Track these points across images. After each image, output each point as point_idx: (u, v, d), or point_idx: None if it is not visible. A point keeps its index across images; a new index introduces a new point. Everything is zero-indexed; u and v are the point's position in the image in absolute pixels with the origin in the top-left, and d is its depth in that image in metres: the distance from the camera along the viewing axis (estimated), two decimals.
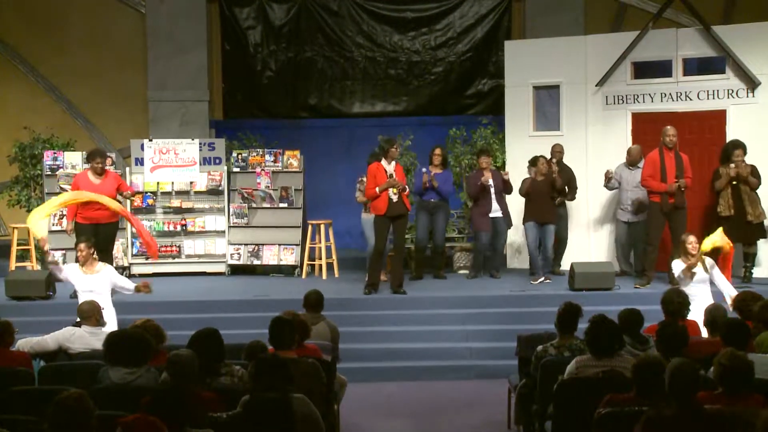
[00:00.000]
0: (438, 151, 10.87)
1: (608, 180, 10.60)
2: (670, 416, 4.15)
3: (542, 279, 10.28)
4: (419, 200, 10.82)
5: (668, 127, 9.97)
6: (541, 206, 10.37)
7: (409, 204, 9.86)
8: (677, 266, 8.16)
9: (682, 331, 5.46)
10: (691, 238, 8.20)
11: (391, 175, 9.64)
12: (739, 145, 10.03)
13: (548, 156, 10.77)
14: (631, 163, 10.57)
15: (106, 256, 9.26)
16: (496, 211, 10.69)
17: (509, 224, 10.87)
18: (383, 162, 9.72)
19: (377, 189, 9.62)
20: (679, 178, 9.74)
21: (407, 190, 9.78)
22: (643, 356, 4.86)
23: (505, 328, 8.82)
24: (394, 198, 9.62)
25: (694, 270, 8.02)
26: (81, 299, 7.76)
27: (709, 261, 8.13)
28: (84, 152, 11.07)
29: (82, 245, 8.07)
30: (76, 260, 8.20)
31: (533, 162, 10.47)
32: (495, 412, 7.24)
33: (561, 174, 10.58)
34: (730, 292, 7.93)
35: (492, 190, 10.61)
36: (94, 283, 7.91)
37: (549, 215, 10.41)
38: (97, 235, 9.11)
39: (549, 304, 8.64)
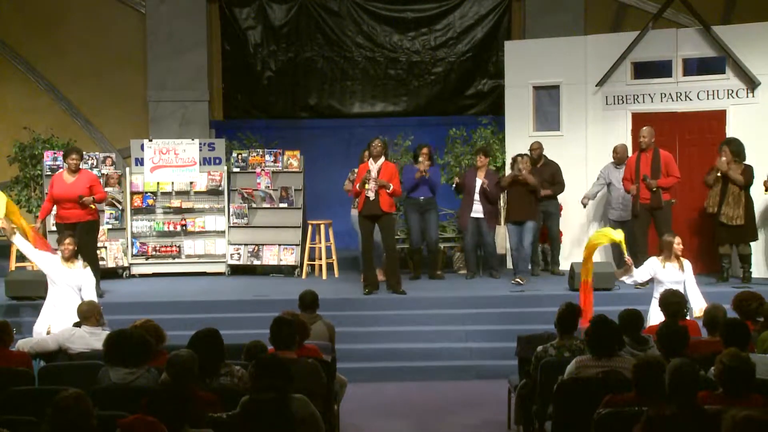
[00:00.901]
0: (425, 150, 10.86)
1: (585, 204, 10.88)
2: (670, 416, 4.15)
3: (519, 279, 10.28)
4: (408, 199, 10.78)
5: (643, 128, 10.07)
6: (517, 204, 10.36)
7: (388, 205, 9.71)
8: (649, 265, 8.12)
9: (682, 332, 5.46)
10: (678, 239, 8.10)
11: (369, 172, 9.64)
12: (725, 143, 10.02)
13: (549, 157, 10.82)
14: (619, 161, 10.59)
15: (87, 253, 9.22)
16: (477, 212, 10.67)
17: (491, 226, 10.78)
18: (370, 161, 9.77)
19: (357, 186, 9.76)
20: (648, 178, 9.79)
21: (390, 187, 9.66)
22: (643, 356, 4.87)
23: (505, 328, 8.83)
24: (371, 196, 9.63)
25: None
26: (54, 290, 7.89)
27: (686, 264, 8.05)
28: (84, 153, 11.06)
29: (68, 240, 8.15)
30: (61, 253, 8.26)
31: (514, 160, 10.49)
32: (495, 412, 7.24)
33: (543, 169, 10.59)
34: (699, 303, 7.75)
35: (476, 190, 10.59)
36: (74, 278, 7.98)
37: (525, 213, 10.36)
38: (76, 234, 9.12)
39: (549, 304, 8.65)
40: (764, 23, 10.85)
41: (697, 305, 7.71)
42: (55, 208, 9.73)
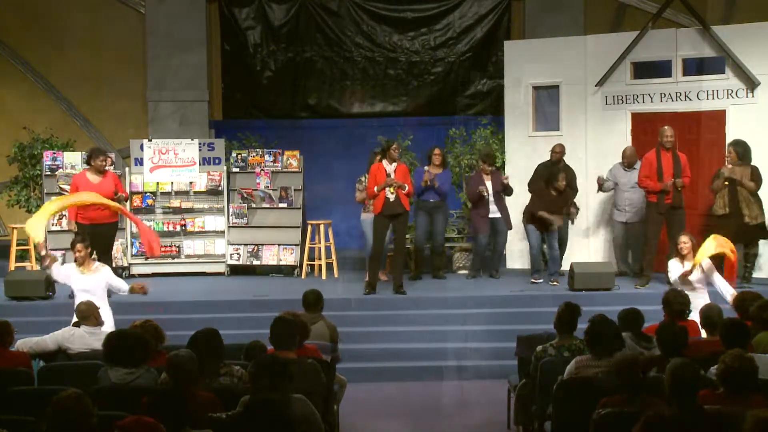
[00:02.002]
0: (437, 151, 10.91)
1: (600, 185, 10.63)
2: (670, 416, 4.15)
3: (541, 280, 10.27)
4: (418, 201, 10.82)
5: (666, 127, 9.98)
6: (547, 210, 10.18)
7: (407, 204, 9.89)
8: (673, 266, 8.13)
9: (681, 332, 5.46)
10: (683, 238, 8.12)
11: (389, 175, 9.70)
12: (731, 144, 10.02)
13: (548, 156, 10.79)
14: (628, 164, 10.57)
15: (105, 256, 9.28)
16: (494, 212, 10.68)
17: (509, 226, 10.86)
18: (384, 162, 9.80)
19: (375, 189, 9.70)
20: (675, 177, 9.75)
21: (406, 188, 9.79)
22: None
23: (505, 328, 8.83)
24: (391, 197, 9.69)
25: (689, 276, 7.94)
26: (78, 299, 7.78)
27: (706, 262, 8.04)
28: (84, 152, 11.07)
29: (79, 245, 8.04)
30: (74, 260, 8.18)
31: (552, 179, 10.17)
32: (495, 412, 7.24)
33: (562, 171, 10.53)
34: (729, 291, 7.85)
35: (490, 192, 10.60)
36: (90, 282, 7.83)
37: (552, 226, 10.29)
38: (96, 235, 9.10)
39: (549, 304, 8.65)
40: (764, 23, 10.84)
41: (730, 293, 7.71)
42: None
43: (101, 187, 9.56)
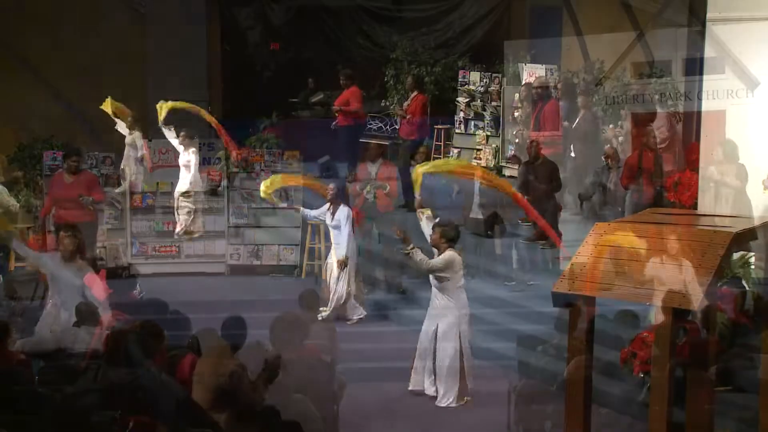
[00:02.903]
0: (422, 149, 10.96)
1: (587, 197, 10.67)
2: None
3: (514, 282, 10.26)
4: (406, 202, 10.84)
5: (649, 127, 10.07)
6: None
7: (385, 206, 9.88)
8: None
9: (679, 332, 5.46)
10: None
11: (369, 174, 9.85)
12: (719, 143, 10.06)
13: (526, 152, 10.83)
14: (612, 164, 10.60)
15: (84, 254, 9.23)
16: (476, 213, 10.65)
17: (486, 228, 10.80)
18: (367, 163, 9.88)
19: (357, 188, 10.00)
20: (655, 178, 9.82)
21: (387, 188, 9.80)
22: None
23: (505, 328, 8.82)
24: (369, 198, 9.72)
25: None
26: (55, 290, 7.83)
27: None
28: (84, 152, 11.09)
29: (67, 239, 8.10)
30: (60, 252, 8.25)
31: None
32: (495, 412, 7.23)
33: (539, 168, 10.51)
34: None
35: (476, 190, 10.59)
36: (73, 276, 7.95)
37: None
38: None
39: (549, 304, 8.63)
40: (764, 23, 10.83)
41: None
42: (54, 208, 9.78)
43: (71, 188, 9.61)
